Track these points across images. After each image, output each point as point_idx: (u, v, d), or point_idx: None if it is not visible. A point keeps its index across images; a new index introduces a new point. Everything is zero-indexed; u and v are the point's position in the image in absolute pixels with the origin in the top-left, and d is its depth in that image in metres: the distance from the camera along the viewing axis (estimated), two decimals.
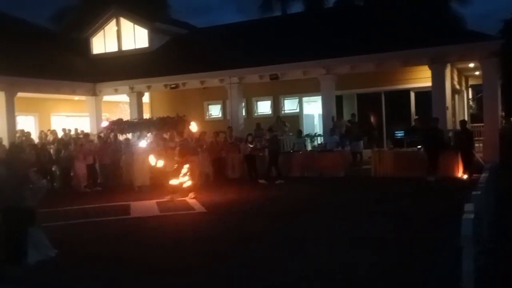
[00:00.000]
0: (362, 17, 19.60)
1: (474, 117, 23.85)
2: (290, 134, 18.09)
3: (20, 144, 14.23)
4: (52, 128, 19.79)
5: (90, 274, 6.32)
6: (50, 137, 18.21)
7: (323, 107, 17.83)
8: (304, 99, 20.41)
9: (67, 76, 19.89)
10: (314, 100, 20.01)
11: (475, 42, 15.43)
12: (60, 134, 18.82)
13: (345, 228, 8.27)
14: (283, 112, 20.36)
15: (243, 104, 20.08)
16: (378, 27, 17.86)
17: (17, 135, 17.57)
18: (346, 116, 18.65)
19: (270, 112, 20.60)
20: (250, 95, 20.44)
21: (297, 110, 20.43)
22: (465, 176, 13.40)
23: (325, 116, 17.63)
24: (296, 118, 20.03)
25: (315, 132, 19.15)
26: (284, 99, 20.58)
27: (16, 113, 18.20)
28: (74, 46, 23.73)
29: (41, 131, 18.75)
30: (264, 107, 21.00)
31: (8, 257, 6.55)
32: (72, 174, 15.33)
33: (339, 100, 18.73)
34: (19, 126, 18.79)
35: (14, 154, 7.02)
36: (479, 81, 19.28)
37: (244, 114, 20.03)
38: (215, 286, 5.64)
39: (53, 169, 15.82)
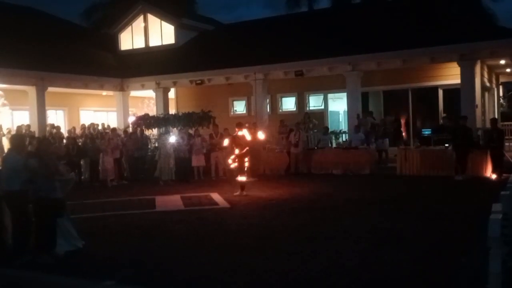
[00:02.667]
0: (390, 12, 19.32)
1: (505, 115, 23.28)
2: (315, 130, 18.01)
3: (50, 138, 14.61)
4: (81, 122, 20.23)
5: (115, 265, 6.45)
6: (79, 131, 18.59)
7: (348, 104, 17.69)
8: (330, 95, 20.25)
9: (95, 72, 20.26)
10: (339, 96, 19.87)
11: (506, 38, 15.05)
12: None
13: (370, 225, 8.19)
14: (308, 108, 20.27)
15: (268, 100, 20.09)
16: (405, 23, 17.58)
17: (47, 128, 18.00)
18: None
19: (294, 109, 20.54)
20: (275, 92, 20.42)
21: (322, 107, 20.29)
22: (494, 176, 13.12)
23: (350, 113, 17.50)
24: (321, 115, 19.89)
25: (340, 129, 19.02)
26: (309, 96, 20.47)
27: (46, 107, 18.67)
28: (102, 42, 24.12)
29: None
30: (288, 104, 20.94)
31: (38, 246, 6.75)
32: (99, 168, 15.63)
33: (365, 97, 18.53)
34: (49, 120, 19.26)
35: (44, 147, 7.21)
36: (510, 79, 18.83)
37: (268, 110, 20.04)
38: (238, 279, 5.68)
39: (81, 162, 16.16)
